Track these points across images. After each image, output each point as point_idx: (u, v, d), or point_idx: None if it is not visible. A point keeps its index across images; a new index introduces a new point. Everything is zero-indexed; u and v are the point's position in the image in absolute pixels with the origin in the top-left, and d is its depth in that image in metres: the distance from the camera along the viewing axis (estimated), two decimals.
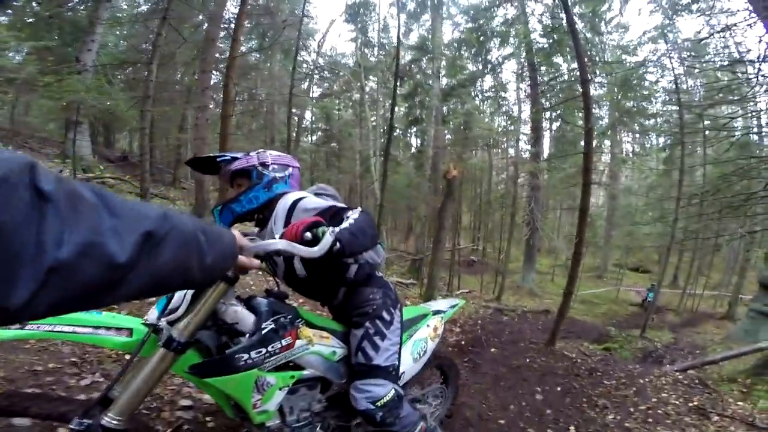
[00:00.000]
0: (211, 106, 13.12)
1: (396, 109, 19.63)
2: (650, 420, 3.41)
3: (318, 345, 1.50)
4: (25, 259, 0.40)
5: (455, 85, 12.23)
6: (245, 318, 1.29)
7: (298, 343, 1.42)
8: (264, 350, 1.31)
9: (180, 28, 10.02)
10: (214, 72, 14.20)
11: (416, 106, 13.85)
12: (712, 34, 7.43)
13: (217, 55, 14.13)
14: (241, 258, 1.01)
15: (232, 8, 12.67)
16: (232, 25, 12.92)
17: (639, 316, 12.81)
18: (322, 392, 1.62)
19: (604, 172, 21.24)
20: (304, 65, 13.95)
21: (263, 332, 1.29)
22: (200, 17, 9.81)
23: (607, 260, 22.68)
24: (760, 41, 5.04)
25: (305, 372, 1.49)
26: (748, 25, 5.56)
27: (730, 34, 7.43)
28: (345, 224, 1.29)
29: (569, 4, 5.33)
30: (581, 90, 4.93)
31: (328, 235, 1.16)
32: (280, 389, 1.39)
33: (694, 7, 8.49)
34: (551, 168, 14.90)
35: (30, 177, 0.42)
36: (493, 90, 14.33)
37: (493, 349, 5.14)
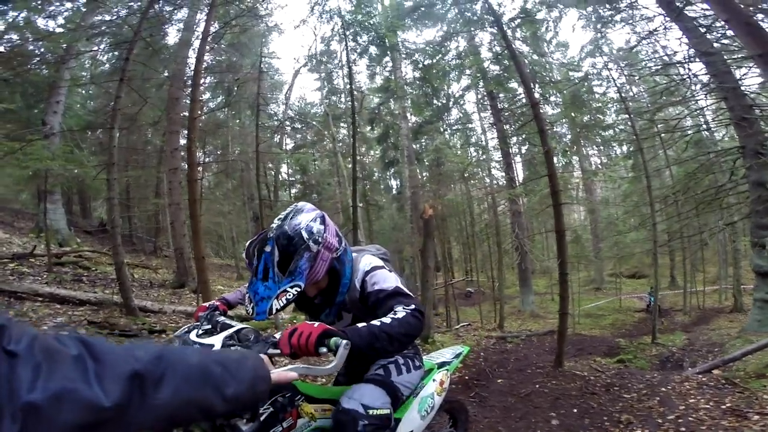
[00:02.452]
0: (184, 166, 13.05)
1: (371, 152, 20.25)
2: (683, 429, 3.15)
3: (321, 420, 1.41)
4: (2, 403, 0.47)
5: (423, 123, 12.58)
6: None
7: (300, 422, 1.34)
8: None
9: (143, 89, 10.06)
10: (184, 131, 14.30)
11: (389, 147, 14.12)
12: (640, 41, 7.92)
13: (184, 114, 14.27)
14: (275, 376, 0.98)
15: (192, 66, 12.88)
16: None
17: (647, 322, 12.51)
18: None
19: (579, 188, 21.77)
20: (274, 118, 14.21)
21: (261, 419, 1.20)
22: (164, 75, 9.90)
23: (601, 272, 22.68)
24: (680, 43, 5.35)
25: None
26: (665, 28, 5.93)
27: (655, 39, 7.95)
28: (386, 320, 1.28)
29: (506, 32, 5.61)
30: (533, 113, 5.05)
31: (342, 348, 1.09)
32: None
33: (618, 17, 9.10)
34: (527, 191, 15.12)
35: None
36: (459, 122, 14.80)
37: (499, 380, 4.85)
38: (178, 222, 9.50)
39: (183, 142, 11.22)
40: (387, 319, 1.29)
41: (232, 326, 1.34)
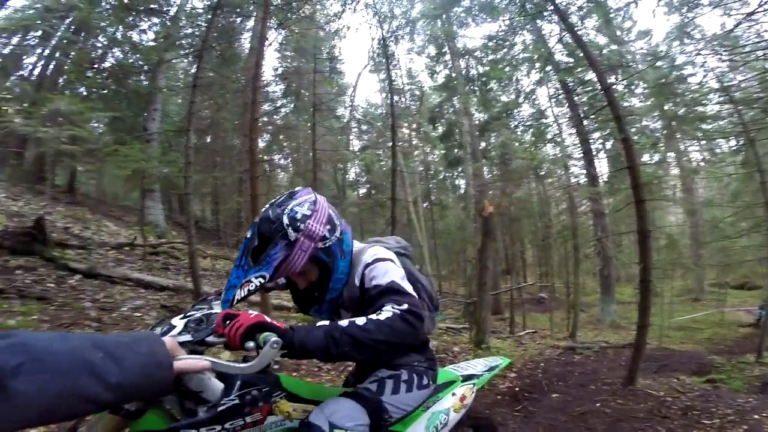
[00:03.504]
0: (267, 168, 14.14)
1: (435, 151, 20.05)
2: None
3: (298, 421, 1.30)
4: None
5: (489, 119, 12.08)
6: (212, 387, 1.13)
7: (270, 419, 1.24)
8: (219, 427, 1.13)
9: (220, 95, 11.09)
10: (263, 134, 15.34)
11: (454, 145, 13.80)
12: (738, 25, 6.73)
13: (264, 118, 15.41)
14: (180, 364, 0.86)
15: (268, 73, 13.86)
16: (268, 89, 14.19)
17: (754, 339, 10.70)
18: None
19: (677, 187, 19.29)
20: (341, 120, 14.68)
21: (219, 409, 1.13)
22: (242, 82, 10.82)
23: (701, 281, 19.99)
24: None
25: None
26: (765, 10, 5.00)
27: (755, 21, 6.72)
28: (360, 320, 1.13)
29: (566, 15, 5.13)
30: (606, 99, 4.55)
31: (269, 347, 0.98)
32: None
33: (705, 0, 7.81)
34: (612, 190, 13.79)
35: None
36: (532, 118, 13.97)
37: (554, 395, 4.46)
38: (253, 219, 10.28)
39: (261, 144, 12.10)
40: (361, 320, 1.13)
41: (212, 311, 1.30)
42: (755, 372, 6.76)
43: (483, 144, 14.08)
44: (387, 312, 1.17)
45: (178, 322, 1.21)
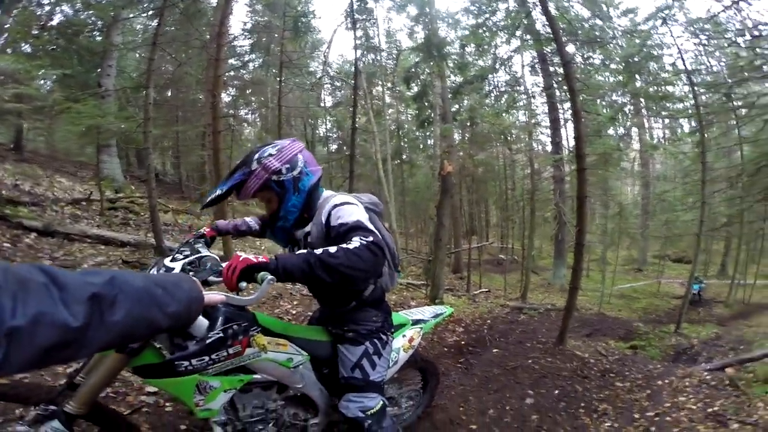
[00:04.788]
0: (232, 123, 13.69)
1: (406, 110, 19.87)
2: (653, 429, 3.10)
3: (272, 353, 1.52)
4: None
5: (463, 83, 12.02)
6: (198, 324, 1.29)
7: (249, 351, 1.44)
8: (207, 358, 1.33)
9: (181, 51, 10.57)
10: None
11: (426, 106, 13.73)
12: (724, 10, 6.90)
13: (230, 72, 14.72)
14: (207, 297, 1.09)
15: (236, 27, 13.06)
16: (236, 43, 13.46)
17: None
18: (279, 392, 1.67)
19: (635, 160, 20.16)
20: (314, 76, 14.26)
21: (207, 341, 1.30)
22: (207, 37, 10.26)
23: (645, 252, 21.48)
24: None
25: (256, 376, 1.52)
26: None
27: (737, 9, 6.91)
28: (331, 249, 1.27)
29: None
30: (564, 73, 4.69)
31: (266, 283, 1.17)
32: (225, 391, 1.43)
33: None
34: (571, 159, 14.26)
35: None
36: (507, 85, 13.99)
37: (495, 350, 4.92)
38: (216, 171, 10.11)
39: (227, 99, 11.59)
40: (332, 248, 1.28)
41: (199, 253, 1.50)
42: (672, 341, 7.68)
43: (456, 107, 14.07)
44: (355, 242, 1.31)
45: (174, 264, 1.41)
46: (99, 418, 1.38)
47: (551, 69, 12.80)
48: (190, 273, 1.33)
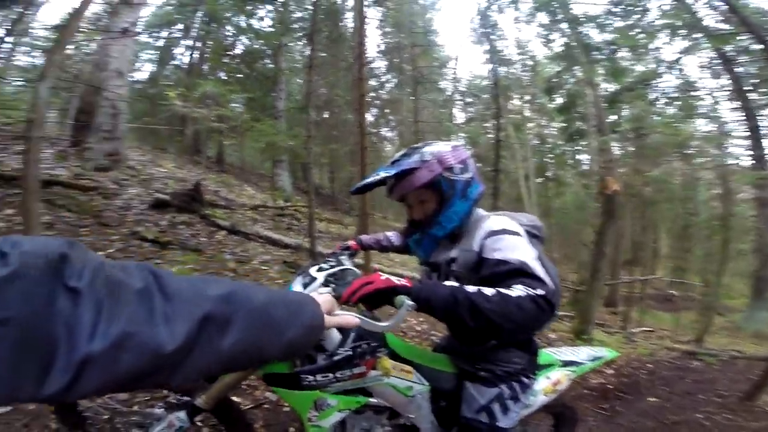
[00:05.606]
0: (375, 141, 15.11)
1: (549, 124, 18.37)
2: None
3: (395, 378, 1.42)
4: (56, 352, 0.42)
5: (620, 90, 10.60)
6: (331, 337, 1.29)
7: (372, 373, 1.36)
8: (331, 375, 1.29)
9: (332, 74, 12.12)
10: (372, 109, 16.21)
11: (574, 119, 12.49)
12: None
13: (372, 94, 16.29)
14: (337, 320, 0.92)
15: (372, 50, 14.55)
16: (373, 66, 14.92)
17: None
18: (390, 419, 1.59)
19: None
20: (445, 93, 14.55)
21: (335, 358, 1.28)
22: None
23: None
24: None
25: (372, 399, 1.45)
26: None
27: None
28: (488, 291, 1.07)
29: None
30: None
31: (405, 309, 1.02)
32: (340, 411, 1.38)
33: None
34: None
35: (57, 271, 0.44)
36: (678, 90, 11.76)
37: (652, 399, 4.15)
38: None
39: (370, 119, 12.88)
40: (489, 291, 1.07)
41: (342, 265, 1.43)
42: None
43: (615, 117, 12.47)
44: (518, 290, 1.08)
45: (318, 274, 1.38)
46: (220, 412, 1.42)
47: (736, 70, 10.32)
48: (331, 286, 1.29)
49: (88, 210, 5.44)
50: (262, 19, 13.15)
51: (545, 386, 1.76)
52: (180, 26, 15.59)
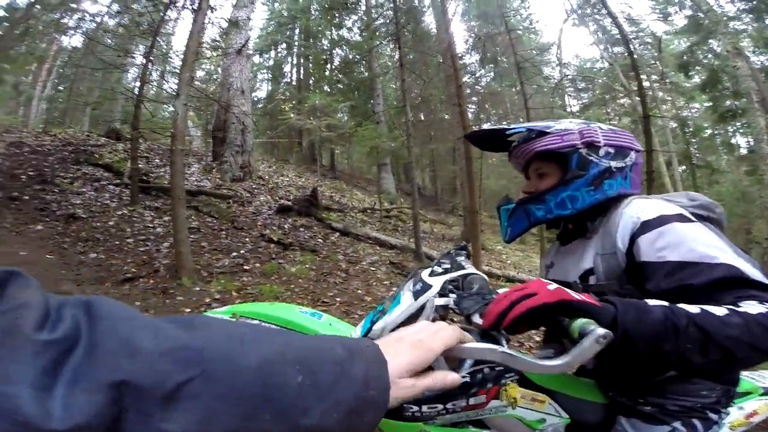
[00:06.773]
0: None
1: (693, 104, 15.37)
2: None
3: (522, 409, 1.09)
4: None
5: None
6: (443, 361, 0.88)
7: (493, 403, 1.05)
8: (441, 406, 1.02)
9: (424, 72, 12.50)
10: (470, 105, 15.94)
11: (722, 96, 10.19)
12: None
13: (468, 90, 15.93)
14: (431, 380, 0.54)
15: (460, 45, 14.33)
16: (464, 60, 14.65)
17: None
18: None
19: None
20: (550, 80, 13.27)
21: None
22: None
23: None
24: None
25: None
26: None
27: None
28: (716, 310, 0.75)
29: None
30: None
31: (593, 342, 0.64)
32: None
33: None
34: None
35: None
36: None
37: None
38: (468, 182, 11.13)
39: (469, 115, 12.77)
40: (719, 310, 0.75)
41: (464, 268, 1.08)
42: None
43: None
44: (754, 306, 0.76)
45: (433, 280, 1.05)
46: None
47: None
48: (451, 297, 0.98)
49: (226, 215, 6.36)
50: (350, 29, 14.15)
51: (736, 418, 1.34)
52: (284, 45, 17.51)
